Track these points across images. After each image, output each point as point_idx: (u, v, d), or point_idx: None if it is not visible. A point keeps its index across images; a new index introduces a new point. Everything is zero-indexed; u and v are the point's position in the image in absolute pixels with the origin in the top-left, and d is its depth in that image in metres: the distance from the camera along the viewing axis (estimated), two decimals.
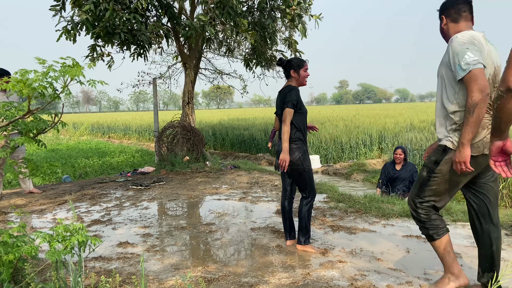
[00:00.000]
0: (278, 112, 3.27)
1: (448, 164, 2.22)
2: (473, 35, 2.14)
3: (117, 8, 6.11)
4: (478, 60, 2.04)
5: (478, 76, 2.01)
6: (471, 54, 2.05)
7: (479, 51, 2.08)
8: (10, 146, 2.23)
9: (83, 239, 2.16)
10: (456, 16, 2.29)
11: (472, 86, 2.03)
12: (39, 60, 2.20)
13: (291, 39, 8.52)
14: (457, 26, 2.28)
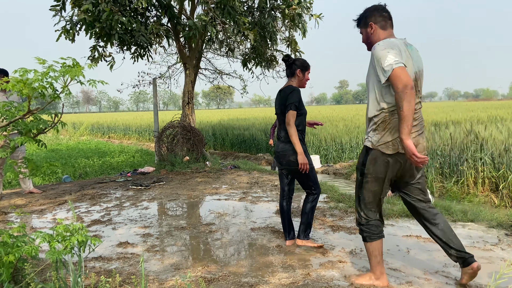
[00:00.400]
0: (278, 112, 3.27)
1: (372, 163, 2.37)
2: (393, 42, 2.29)
3: (115, 9, 6.11)
4: (399, 60, 2.18)
5: (400, 73, 2.14)
6: (392, 56, 2.19)
7: (399, 54, 2.22)
8: (10, 146, 2.23)
9: (83, 239, 2.16)
10: (384, 23, 2.42)
11: (396, 83, 2.15)
12: (39, 60, 2.20)
13: (292, 39, 8.52)
14: (384, 33, 2.42)
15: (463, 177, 7.20)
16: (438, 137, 8.78)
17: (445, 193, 7.21)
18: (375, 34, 2.44)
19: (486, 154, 7.05)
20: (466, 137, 7.95)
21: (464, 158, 7.31)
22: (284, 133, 3.19)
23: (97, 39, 6.87)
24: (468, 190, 7.08)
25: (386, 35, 2.41)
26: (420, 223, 2.57)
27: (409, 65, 2.27)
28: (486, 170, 6.94)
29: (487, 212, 4.35)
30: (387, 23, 2.42)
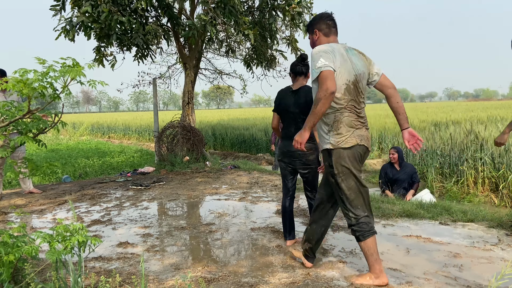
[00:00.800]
0: (295, 111, 3.19)
1: (338, 161, 2.50)
2: (331, 46, 2.48)
3: (114, 9, 6.11)
4: (328, 64, 2.36)
5: (326, 76, 2.33)
6: (322, 60, 2.38)
7: (331, 58, 2.40)
8: (10, 146, 2.23)
9: (83, 239, 2.16)
10: (327, 30, 2.63)
11: (321, 85, 2.35)
12: (39, 60, 2.20)
13: (292, 38, 8.52)
14: (327, 39, 2.62)
15: (463, 177, 7.20)
16: (438, 137, 8.78)
17: (445, 193, 7.21)
18: (319, 40, 2.64)
19: (486, 154, 7.05)
20: (466, 137, 7.95)
21: (464, 158, 7.31)
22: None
23: (98, 40, 6.87)
24: (468, 190, 7.08)
25: (328, 41, 2.61)
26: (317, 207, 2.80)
27: (347, 67, 2.47)
28: (486, 170, 6.94)
29: (487, 212, 4.35)
30: (330, 30, 2.63)
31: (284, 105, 3.25)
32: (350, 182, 2.51)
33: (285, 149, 3.22)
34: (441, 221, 4.05)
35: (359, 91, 2.53)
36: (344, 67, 2.45)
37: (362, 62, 2.58)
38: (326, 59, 2.38)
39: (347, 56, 2.50)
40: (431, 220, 4.09)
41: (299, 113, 3.18)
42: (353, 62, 2.51)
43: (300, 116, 3.19)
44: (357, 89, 2.52)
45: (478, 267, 2.85)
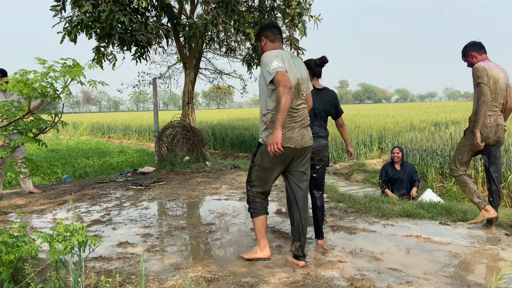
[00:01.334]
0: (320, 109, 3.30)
1: (261, 155, 2.83)
2: (279, 52, 2.79)
3: (115, 9, 6.11)
4: (281, 66, 2.66)
5: (282, 75, 2.61)
6: (276, 62, 2.66)
7: (282, 61, 2.71)
8: (10, 146, 2.23)
9: (83, 239, 2.16)
10: (273, 37, 2.94)
11: (278, 83, 2.60)
12: (39, 60, 2.20)
13: (292, 38, 8.52)
14: (272, 45, 2.93)
15: None
16: (438, 137, 8.78)
17: (445, 193, 7.21)
18: (266, 46, 2.95)
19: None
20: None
21: None
22: (325, 130, 3.41)
23: (98, 40, 6.87)
24: None
25: (274, 47, 2.92)
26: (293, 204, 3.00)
27: (292, 71, 2.76)
28: None
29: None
30: (276, 37, 2.94)
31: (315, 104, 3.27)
32: (260, 173, 2.89)
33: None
34: (441, 221, 4.05)
35: (300, 94, 2.83)
36: (289, 72, 2.73)
37: (304, 69, 2.94)
38: (279, 62, 2.69)
39: (291, 61, 2.83)
40: (431, 220, 4.09)
41: (323, 111, 3.33)
42: (296, 67, 2.84)
43: (322, 115, 3.35)
44: (298, 92, 2.82)
45: (478, 267, 2.85)
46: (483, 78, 3.58)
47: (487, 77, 3.58)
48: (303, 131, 2.84)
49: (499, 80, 3.64)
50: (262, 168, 2.86)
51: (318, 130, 3.33)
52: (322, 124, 3.37)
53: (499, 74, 3.68)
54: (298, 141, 2.79)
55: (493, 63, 3.75)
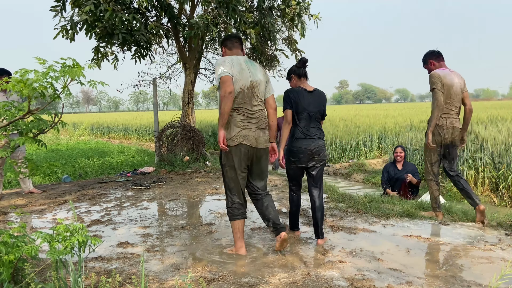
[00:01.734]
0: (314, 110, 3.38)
1: (225, 155, 3.03)
2: (230, 58, 3.02)
3: (117, 8, 6.11)
4: (226, 71, 2.89)
5: (225, 80, 2.86)
6: (222, 68, 2.91)
7: (229, 66, 2.93)
8: (10, 146, 2.23)
9: (83, 239, 2.16)
10: (231, 45, 3.20)
11: (221, 88, 2.87)
12: (39, 60, 2.20)
13: (291, 39, 8.52)
14: (231, 52, 3.18)
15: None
16: None
17: (445, 193, 7.21)
18: (224, 54, 3.23)
19: (486, 154, 7.05)
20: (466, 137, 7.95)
21: (464, 158, 7.31)
22: (321, 131, 3.45)
23: (98, 39, 6.86)
24: None
25: (231, 53, 3.17)
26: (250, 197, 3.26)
27: (244, 75, 2.98)
28: (486, 170, 6.94)
29: (487, 212, 4.35)
30: (233, 45, 3.19)
31: (303, 105, 3.35)
32: (231, 174, 3.05)
33: (304, 148, 3.34)
34: (441, 221, 4.05)
35: (255, 96, 3.03)
36: (241, 75, 2.96)
37: (260, 72, 3.13)
38: (225, 67, 2.92)
39: (245, 66, 3.03)
40: (431, 220, 4.09)
41: (317, 112, 3.40)
42: (250, 71, 3.04)
43: (317, 116, 3.41)
44: (253, 94, 3.02)
45: (478, 267, 2.85)
46: (437, 84, 3.90)
47: (441, 83, 3.89)
48: (258, 132, 3.04)
49: (454, 85, 3.94)
50: (230, 166, 3.04)
51: (314, 132, 3.39)
52: (317, 125, 3.43)
53: (454, 80, 3.97)
54: (253, 141, 3.00)
55: (448, 70, 4.04)
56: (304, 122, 3.36)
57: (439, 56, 4.12)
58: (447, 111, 3.97)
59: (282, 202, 4.95)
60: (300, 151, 3.34)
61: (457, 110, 4.04)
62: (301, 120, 3.36)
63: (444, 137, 3.99)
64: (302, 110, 3.34)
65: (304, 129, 3.36)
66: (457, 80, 4.00)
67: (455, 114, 4.01)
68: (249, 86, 2.99)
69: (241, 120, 2.97)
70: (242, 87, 2.96)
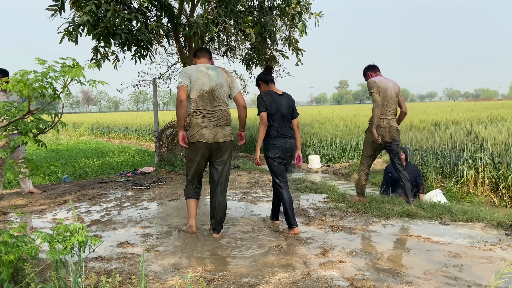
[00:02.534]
0: (285, 112, 3.71)
1: (188, 150, 3.53)
2: (191, 67, 3.52)
3: (118, 8, 6.10)
4: (182, 81, 3.40)
5: (179, 89, 3.39)
6: (180, 79, 3.44)
7: (186, 77, 3.41)
8: (10, 146, 2.23)
9: (83, 239, 2.16)
10: (200, 55, 3.68)
11: (177, 95, 3.41)
12: (39, 61, 2.20)
13: (292, 38, 8.50)
14: (200, 61, 3.66)
15: (463, 177, 7.20)
16: (438, 137, 8.77)
17: (445, 193, 7.20)
18: (195, 62, 3.70)
19: (486, 154, 7.05)
20: (466, 137, 7.94)
21: (464, 158, 7.31)
22: (292, 131, 3.76)
23: (98, 40, 6.85)
24: (468, 190, 7.08)
25: (199, 62, 3.65)
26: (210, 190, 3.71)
27: (204, 80, 3.43)
28: (486, 170, 6.94)
29: (487, 212, 4.35)
30: (202, 55, 3.67)
31: (276, 107, 3.67)
32: (190, 164, 3.59)
33: (282, 145, 3.68)
34: (441, 221, 4.05)
35: (215, 98, 3.45)
36: (200, 80, 3.41)
37: (222, 77, 3.53)
38: (182, 78, 3.42)
39: (205, 72, 3.47)
40: (431, 220, 4.09)
41: (288, 113, 3.73)
42: (210, 76, 3.46)
43: (288, 117, 3.73)
44: (213, 96, 3.44)
45: (478, 267, 2.85)
46: (374, 88, 4.52)
47: (377, 87, 4.50)
48: (217, 129, 3.47)
49: (388, 89, 4.52)
50: (190, 159, 3.57)
51: (287, 131, 3.72)
52: (289, 125, 3.76)
53: (388, 84, 4.56)
54: (210, 138, 3.43)
55: (383, 77, 4.65)
56: (277, 123, 3.67)
57: (375, 68, 4.74)
58: (384, 112, 4.54)
59: None
60: (279, 148, 3.67)
61: (393, 111, 4.60)
62: (275, 121, 3.67)
63: (382, 135, 4.56)
64: (275, 112, 3.65)
65: (278, 128, 3.68)
66: (391, 85, 4.58)
67: (391, 115, 4.58)
68: (209, 90, 3.43)
69: (201, 120, 3.42)
70: (201, 91, 3.41)
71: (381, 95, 4.48)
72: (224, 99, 3.53)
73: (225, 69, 3.66)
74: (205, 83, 3.42)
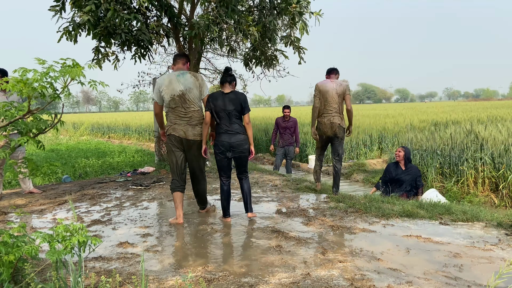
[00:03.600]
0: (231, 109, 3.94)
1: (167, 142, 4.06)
2: (164, 76, 4.05)
3: (118, 8, 6.10)
4: (153, 98, 4.18)
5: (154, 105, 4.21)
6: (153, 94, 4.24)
7: (157, 90, 4.02)
8: (11, 146, 2.23)
9: (83, 239, 2.16)
10: (175, 62, 4.16)
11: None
12: (39, 61, 2.20)
13: (293, 37, 8.48)
14: (176, 67, 4.14)
15: (463, 177, 7.20)
16: (438, 137, 8.78)
17: (445, 193, 7.21)
18: (172, 68, 4.20)
19: (486, 154, 7.05)
20: (466, 137, 7.95)
21: (464, 158, 7.31)
22: (240, 127, 3.99)
23: (98, 40, 6.85)
24: (468, 190, 7.08)
25: (176, 68, 4.13)
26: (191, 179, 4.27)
27: (174, 86, 3.93)
28: (486, 170, 6.94)
29: (487, 212, 4.35)
30: (176, 62, 4.15)
31: (221, 105, 3.94)
32: (170, 156, 4.06)
33: (226, 141, 3.95)
34: (441, 221, 4.05)
35: (186, 101, 3.93)
36: (171, 86, 3.92)
37: (191, 81, 3.97)
38: (154, 93, 4.16)
39: (175, 79, 3.94)
40: (431, 220, 4.09)
41: (235, 110, 3.95)
42: (180, 82, 3.94)
43: (235, 113, 3.96)
44: (184, 99, 3.93)
45: (478, 267, 2.85)
46: (315, 92, 5.22)
47: (319, 91, 5.16)
48: (187, 127, 3.94)
49: (328, 91, 5.09)
50: (168, 151, 4.10)
51: (233, 127, 3.96)
52: (237, 121, 3.98)
53: (328, 86, 5.11)
54: (181, 133, 3.93)
55: (329, 80, 5.20)
56: (223, 120, 3.94)
57: (330, 72, 5.30)
58: (326, 111, 5.12)
59: (282, 202, 4.95)
60: (222, 144, 3.94)
61: (336, 109, 5.11)
62: (221, 118, 3.94)
63: (324, 131, 5.19)
64: (220, 110, 3.92)
65: (223, 125, 3.94)
66: (334, 87, 5.10)
67: (333, 113, 5.10)
68: (179, 95, 3.91)
69: (173, 118, 3.97)
70: (172, 96, 3.91)
71: (322, 97, 5.12)
72: (196, 101, 4.00)
73: (196, 73, 4.12)
74: (175, 89, 3.92)
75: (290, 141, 8.82)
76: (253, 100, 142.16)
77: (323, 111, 5.14)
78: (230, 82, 4.07)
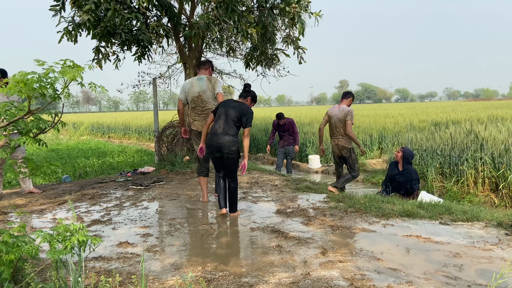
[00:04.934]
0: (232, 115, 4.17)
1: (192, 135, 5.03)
2: (188, 80, 4.94)
3: (118, 7, 6.10)
4: (179, 95, 4.98)
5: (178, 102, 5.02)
6: (179, 93, 5.01)
7: (182, 90, 4.88)
8: (11, 146, 2.23)
9: (83, 239, 2.16)
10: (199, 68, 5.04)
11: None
12: (38, 62, 2.20)
13: (293, 37, 8.48)
14: (199, 72, 4.98)
15: (463, 177, 7.20)
16: (438, 137, 8.78)
17: (445, 193, 7.21)
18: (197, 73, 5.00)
19: (486, 154, 7.05)
20: (466, 137, 7.95)
21: (464, 158, 7.31)
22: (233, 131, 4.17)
23: (98, 40, 6.85)
24: (468, 190, 7.08)
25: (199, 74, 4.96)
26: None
27: (194, 89, 4.79)
28: (486, 170, 6.94)
29: (487, 212, 4.36)
30: (199, 68, 5.04)
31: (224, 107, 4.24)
32: (195, 147, 4.94)
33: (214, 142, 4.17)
34: (441, 221, 4.06)
35: (203, 101, 4.76)
36: (192, 89, 4.78)
37: (206, 84, 4.78)
38: (180, 92, 4.95)
39: (195, 83, 4.79)
40: (431, 220, 4.09)
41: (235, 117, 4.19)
42: (198, 85, 4.77)
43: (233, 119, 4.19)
44: (201, 99, 4.76)
45: (478, 267, 2.85)
46: (325, 115, 6.22)
47: (327, 115, 6.14)
48: (204, 122, 4.67)
49: (332, 117, 5.97)
50: (193, 142, 5.00)
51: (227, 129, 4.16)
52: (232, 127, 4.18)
53: (333, 113, 5.97)
54: (199, 127, 4.77)
55: (336, 106, 6.07)
56: (220, 121, 4.18)
57: (342, 97, 6.23)
58: (333, 134, 6.03)
59: (282, 202, 4.95)
60: (211, 145, 4.20)
61: (341, 133, 5.93)
62: (218, 119, 4.21)
63: (334, 151, 6.11)
64: (222, 112, 4.21)
65: (218, 127, 4.18)
66: (335, 113, 5.93)
67: (338, 135, 5.94)
68: (197, 96, 4.76)
69: (194, 115, 4.84)
70: (192, 97, 4.77)
71: (329, 121, 6.05)
72: (210, 100, 4.78)
73: (211, 77, 4.87)
74: (194, 91, 4.77)
75: (290, 141, 8.97)
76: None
77: (331, 134, 6.05)
78: (245, 98, 4.45)
